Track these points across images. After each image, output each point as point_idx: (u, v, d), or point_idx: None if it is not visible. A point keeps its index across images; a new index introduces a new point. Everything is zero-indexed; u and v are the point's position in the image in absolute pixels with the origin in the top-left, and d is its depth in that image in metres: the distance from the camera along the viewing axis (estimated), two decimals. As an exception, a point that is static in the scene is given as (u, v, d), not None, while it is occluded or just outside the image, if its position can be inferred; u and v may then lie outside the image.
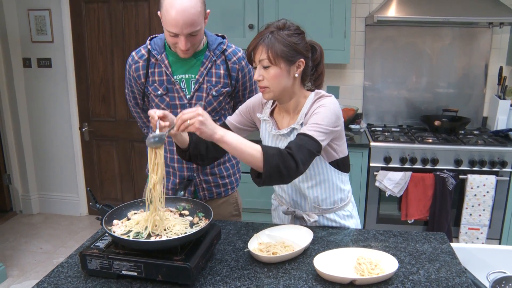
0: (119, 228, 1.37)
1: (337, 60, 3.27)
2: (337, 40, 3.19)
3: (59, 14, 3.83)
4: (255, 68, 1.54)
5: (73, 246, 3.66)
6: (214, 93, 1.83)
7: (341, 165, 1.66)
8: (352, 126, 3.48)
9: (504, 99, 3.29)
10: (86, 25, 3.85)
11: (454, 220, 3.07)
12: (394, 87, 3.59)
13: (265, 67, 1.50)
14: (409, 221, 3.07)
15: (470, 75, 3.48)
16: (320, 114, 1.49)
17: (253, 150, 1.35)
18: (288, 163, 1.36)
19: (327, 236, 1.63)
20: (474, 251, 1.66)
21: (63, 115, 4.09)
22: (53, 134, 4.16)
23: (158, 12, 1.69)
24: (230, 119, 1.75)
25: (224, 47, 1.84)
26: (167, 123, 1.43)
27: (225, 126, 1.72)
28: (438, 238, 1.62)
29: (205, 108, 1.84)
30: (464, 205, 2.96)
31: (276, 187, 1.78)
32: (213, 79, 1.82)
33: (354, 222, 1.76)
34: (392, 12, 3.05)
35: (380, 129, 3.47)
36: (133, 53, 1.88)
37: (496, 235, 3.08)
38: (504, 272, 1.42)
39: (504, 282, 1.40)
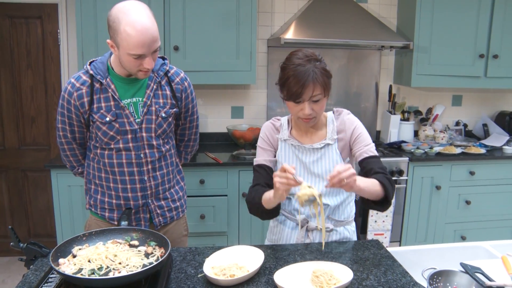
0: (67, 267, 1.24)
1: (244, 81, 3.35)
2: (244, 61, 3.28)
3: None
4: (298, 103, 1.57)
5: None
6: (163, 115, 1.77)
7: None
8: (260, 144, 3.57)
9: (394, 114, 3.66)
10: (-35, 43, 3.44)
11: (361, 228, 3.30)
12: (297, 106, 3.77)
13: (316, 101, 1.56)
14: (322, 232, 3.22)
15: (364, 93, 3.81)
16: (364, 134, 1.73)
17: (377, 186, 1.55)
18: (393, 183, 1.62)
19: (274, 253, 1.65)
20: (403, 253, 1.81)
21: None
22: None
23: (108, 41, 1.60)
24: (263, 160, 1.75)
25: (167, 68, 1.81)
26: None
27: (261, 167, 1.75)
28: (374, 244, 1.74)
29: (155, 131, 1.78)
30: (370, 212, 3.21)
31: (293, 202, 1.78)
32: (161, 100, 1.77)
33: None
34: (290, 34, 3.21)
35: (288, 146, 3.61)
36: (72, 80, 1.73)
37: (396, 238, 3.39)
38: (435, 268, 1.57)
39: (435, 276, 1.54)
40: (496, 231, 3.48)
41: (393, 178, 3.21)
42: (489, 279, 1.48)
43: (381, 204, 1.61)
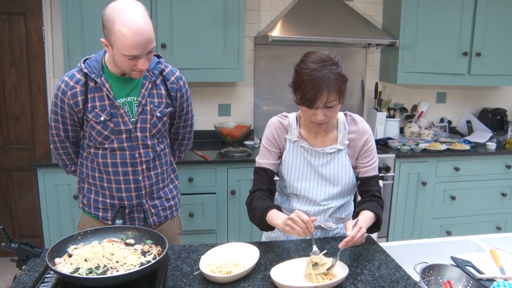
0: (64, 266, 1.23)
1: (231, 79, 3.34)
2: (231, 59, 3.27)
3: None
4: (312, 108, 1.54)
5: None
6: (158, 114, 1.75)
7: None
8: (247, 143, 3.58)
9: (380, 111, 3.70)
10: None
11: (349, 223, 3.33)
12: (282, 104, 3.79)
13: (330, 107, 1.53)
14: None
15: (350, 90, 3.84)
16: (373, 148, 1.74)
17: (373, 220, 1.65)
18: (383, 206, 1.74)
19: (269, 250, 1.66)
20: (393, 248, 1.84)
21: None
22: None
23: (102, 39, 1.58)
24: (266, 164, 1.73)
25: (162, 67, 1.79)
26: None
27: (263, 170, 1.73)
28: (366, 240, 1.76)
29: (150, 131, 1.77)
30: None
31: (295, 203, 1.78)
32: (156, 100, 1.75)
33: None
34: (277, 32, 3.21)
35: (275, 143, 3.62)
36: (65, 78, 1.70)
37: (383, 233, 3.43)
38: (426, 262, 1.60)
39: (427, 270, 1.57)
40: (480, 226, 3.56)
41: (380, 174, 3.25)
42: (479, 272, 1.51)
43: (371, 229, 1.69)
